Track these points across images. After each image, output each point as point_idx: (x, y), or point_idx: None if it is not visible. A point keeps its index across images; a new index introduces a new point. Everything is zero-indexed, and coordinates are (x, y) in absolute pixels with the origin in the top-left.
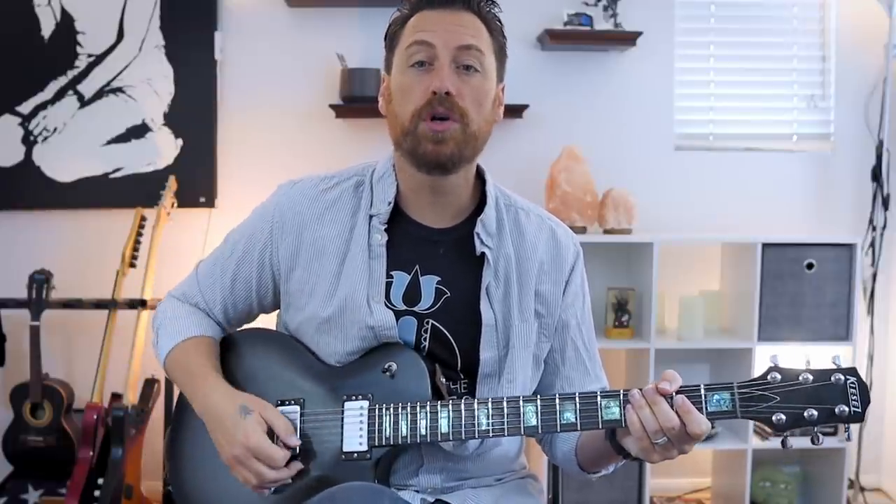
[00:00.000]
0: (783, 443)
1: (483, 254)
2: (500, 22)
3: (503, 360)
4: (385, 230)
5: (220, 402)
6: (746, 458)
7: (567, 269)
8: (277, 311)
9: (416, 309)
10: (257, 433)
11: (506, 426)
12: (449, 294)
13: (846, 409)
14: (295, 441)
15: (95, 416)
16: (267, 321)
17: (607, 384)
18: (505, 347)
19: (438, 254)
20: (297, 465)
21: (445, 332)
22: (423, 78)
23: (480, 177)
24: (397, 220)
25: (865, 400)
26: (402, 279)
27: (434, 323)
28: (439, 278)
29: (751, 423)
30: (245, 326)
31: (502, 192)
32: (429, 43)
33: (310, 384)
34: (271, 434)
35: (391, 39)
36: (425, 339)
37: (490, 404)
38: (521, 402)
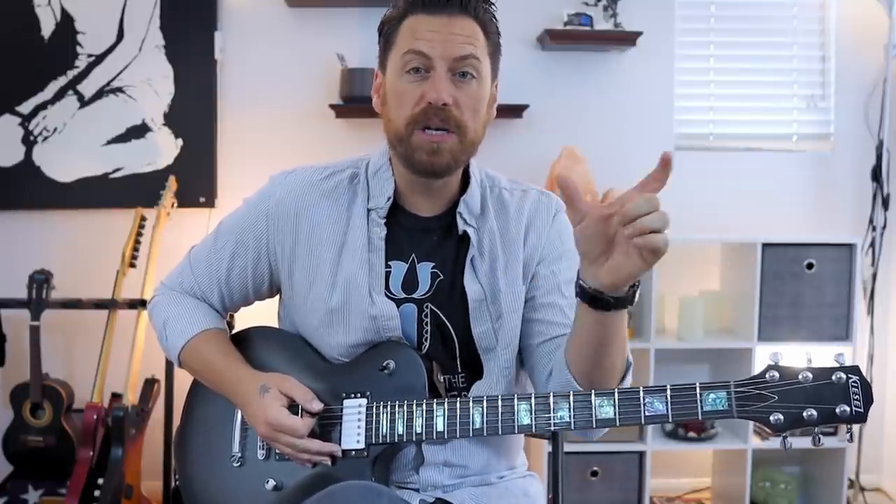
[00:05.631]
0: (783, 444)
1: (465, 232)
2: (495, 19)
3: (498, 331)
4: (384, 223)
5: (245, 387)
6: (746, 458)
7: (548, 221)
8: (278, 305)
9: (414, 296)
10: (274, 407)
11: (500, 425)
12: (442, 277)
13: (847, 409)
14: (317, 406)
15: (95, 416)
16: (267, 318)
17: None
18: (499, 319)
19: (432, 240)
20: (332, 446)
21: (441, 314)
22: (419, 86)
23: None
24: (393, 212)
25: (868, 400)
26: (399, 268)
27: (432, 307)
28: (434, 263)
29: (751, 422)
30: (249, 325)
31: (488, 175)
32: (425, 54)
33: (311, 381)
34: (296, 408)
35: (386, 38)
36: (426, 324)
37: (485, 403)
38: (515, 401)
